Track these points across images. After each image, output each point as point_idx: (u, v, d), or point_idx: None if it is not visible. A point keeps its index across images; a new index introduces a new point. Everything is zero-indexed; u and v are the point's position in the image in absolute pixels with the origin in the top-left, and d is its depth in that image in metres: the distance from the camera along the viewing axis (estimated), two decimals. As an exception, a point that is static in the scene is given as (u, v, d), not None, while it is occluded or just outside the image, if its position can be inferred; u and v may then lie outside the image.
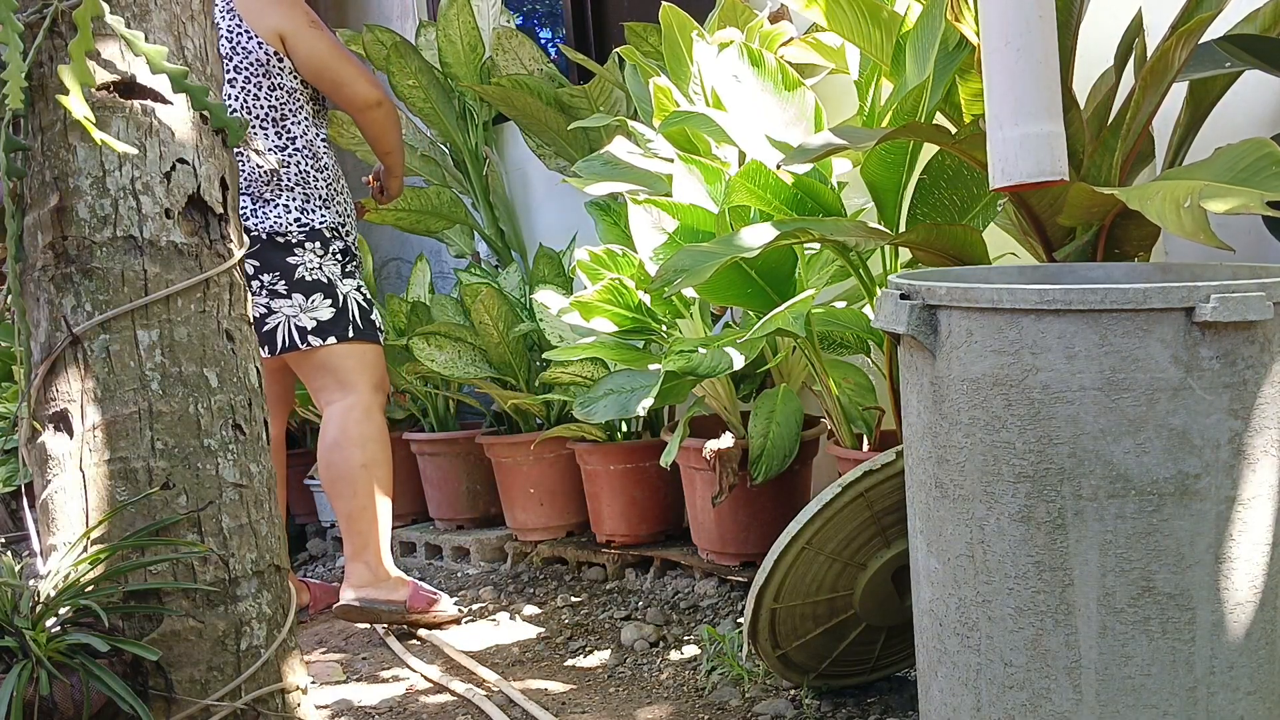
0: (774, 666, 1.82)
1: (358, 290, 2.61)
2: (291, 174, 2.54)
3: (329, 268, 2.56)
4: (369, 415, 2.56)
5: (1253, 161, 1.33)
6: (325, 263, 2.55)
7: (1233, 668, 1.21)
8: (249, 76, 2.50)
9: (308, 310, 2.52)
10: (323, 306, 2.53)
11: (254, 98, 2.51)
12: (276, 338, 2.53)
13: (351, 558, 2.56)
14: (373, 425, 2.56)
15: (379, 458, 2.57)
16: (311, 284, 2.53)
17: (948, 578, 1.29)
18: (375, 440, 2.56)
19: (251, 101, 2.51)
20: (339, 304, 2.56)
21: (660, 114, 2.25)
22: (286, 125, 2.55)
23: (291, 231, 2.52)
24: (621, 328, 2.35)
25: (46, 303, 1.58)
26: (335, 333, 2.54)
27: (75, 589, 1.48)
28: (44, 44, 1.55)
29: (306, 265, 2.53)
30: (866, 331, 2.22)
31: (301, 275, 2.53)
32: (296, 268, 2.52)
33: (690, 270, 1.71)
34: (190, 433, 1.58)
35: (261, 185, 2.53)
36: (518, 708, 2.03)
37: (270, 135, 2.54)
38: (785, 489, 2.39)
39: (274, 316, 2.52)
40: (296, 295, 2.52)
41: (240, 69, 2.50)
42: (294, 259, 2.52)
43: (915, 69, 1.80)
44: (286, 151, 2.54)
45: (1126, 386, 1.16)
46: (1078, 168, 1.63)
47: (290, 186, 2.54)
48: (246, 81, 2.50)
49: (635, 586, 2.69)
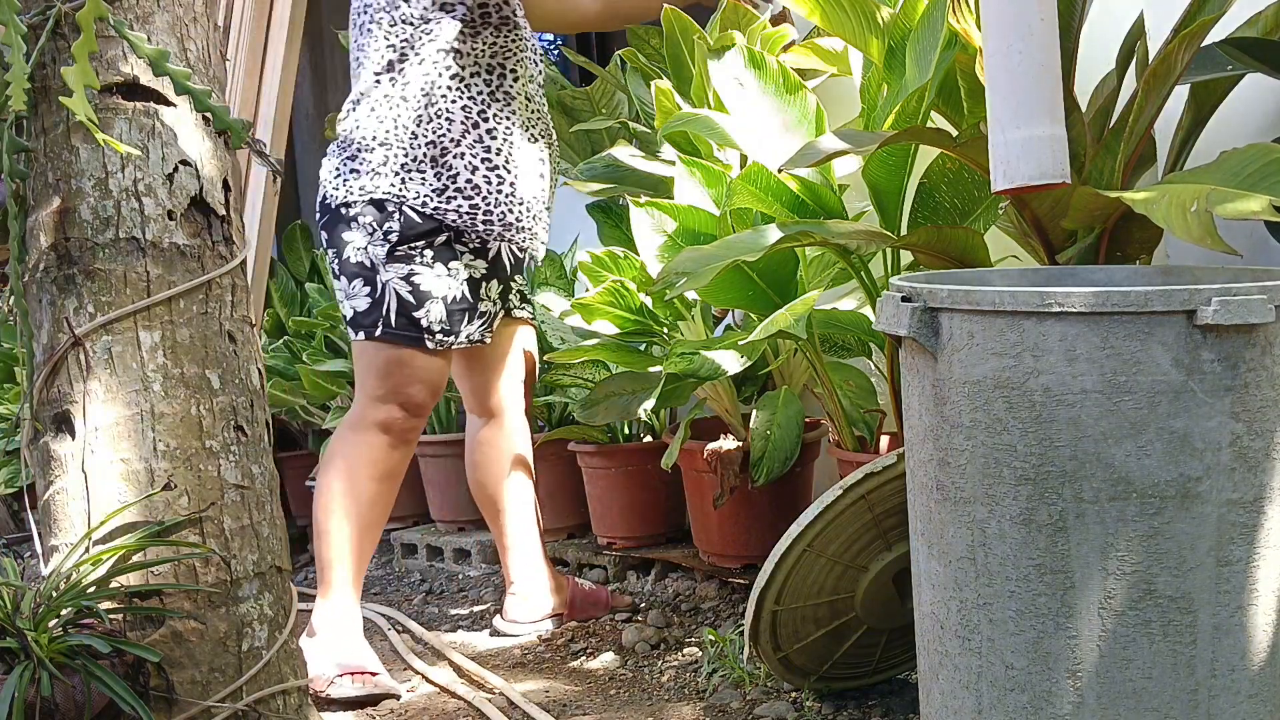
0: (775, 669, 1.82)
1: (405, 280, 2.17)
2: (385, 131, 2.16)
3: (374, 250, 2.17)
4: (352, 431, 2.19)
5: (1260, 166, 1.33)
6: (372, 243, 2.17)
7: (1234, 671, 1.21)
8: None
9: (351, 297, 2.21)
10: (361, 294, 2.20)
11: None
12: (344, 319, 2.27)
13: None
14: (348, 447, 2.18)
15: (339, 486, 2.17)
16: (355, 267, 2.19)
17: (949, 580, 1.29)
18: (341, 467, 2.17)
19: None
20: (375, 293, 2.19)
21: (662, 116, 2.25)
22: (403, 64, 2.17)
23: (355, 202, 2.18)
24: (623, 330, 2.35)
25: (49, 304, 1.58)
26: (365, 328, 2.20)
27: (77, 590, 1.48)
28: (47, 46, 1.55)
29: (354, 244, 2.18)
30: (868, 334, 2.22)
31: (348, 256, 2.20)
32: (346, 246, 2.19)
33: (692, 273, 1.71)
34: (192, 434, 1.58)
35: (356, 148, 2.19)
36: (519, 710, 2.03)
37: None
38: (786, 491, 2.39)
39: (339, 295, 2.27)
40: (343, 278, 2.21)
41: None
42: (347, 235, 2.19)
43: (916, 71, 1.80)
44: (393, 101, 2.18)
45: (1128, 389, 1.16)
46: (1079, 171, 1.63)
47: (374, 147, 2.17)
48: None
49: (636, 588, 2.69)
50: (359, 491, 2.18)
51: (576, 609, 2.49)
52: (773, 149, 1.93)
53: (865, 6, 1.86)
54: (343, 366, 3.30)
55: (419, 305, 2.18)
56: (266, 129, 3.42)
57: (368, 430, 2.19)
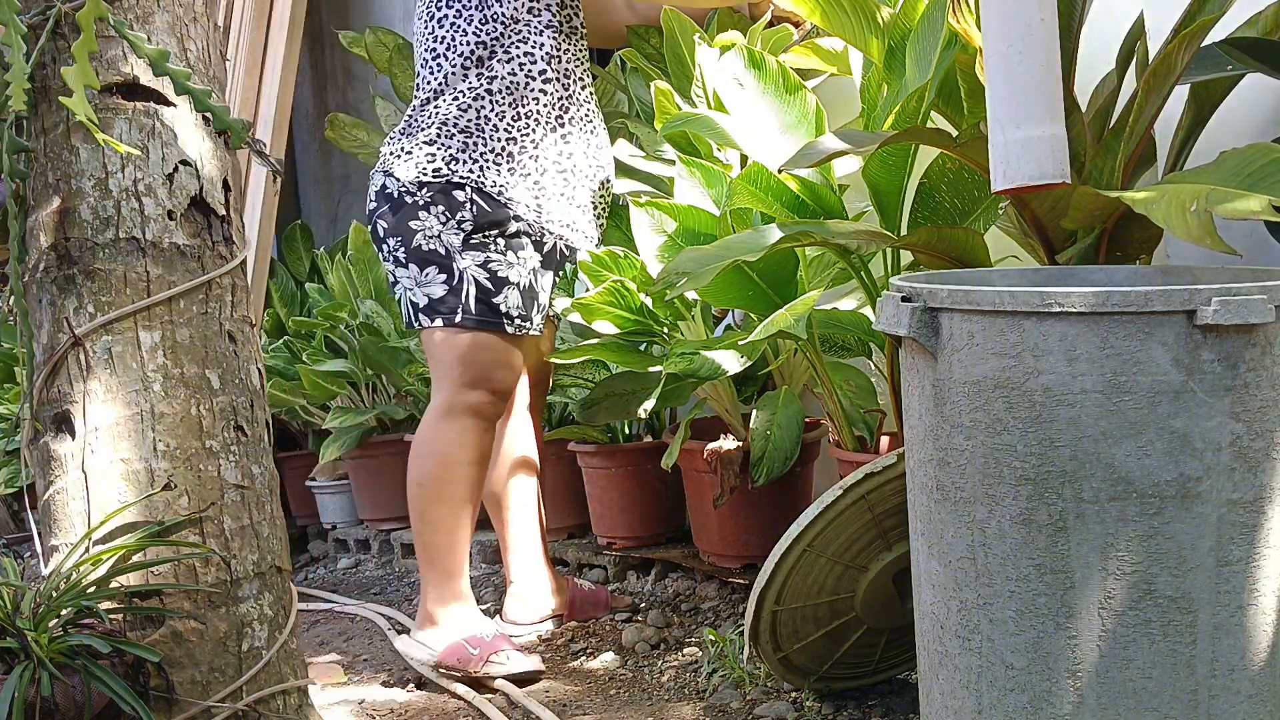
0: (775, 669, 1.82)
1: (482, 267, 2.20)
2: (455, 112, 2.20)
3: (449, 237, 2.19)
4: (442, 420, 2.21)
5: (1260, 166, 1.33)
6: (446, 231, 2.19)
7: (1233, 671, 1.21)
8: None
9: (422, 284, 2.20)
10: (436, 282, 2.20)
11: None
12: (401, 310, 2.28)
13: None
14: (442, 434, 2.21)
15: (438, 474, 2.21)
16: (428, 254, 2.20)
17: (949, 580, 1.29)
18: (437, 455, 2.21)
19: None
20: (452, 280, 2.20)
21: (661, 116, 2.25)
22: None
23: (428, 184, 2.19)
24: (623, 330, 2.35)
25: (49, 304, 1.58)
26: (443, 315, 2.20)
27: (77, 590, 1.48)
28: (47, 46, 1.55)
29: (426, 231, 2.19)
30: (868, 334, 2.22)
31: (419, 243, 2.19)
32: (416, 234, 2.19)
33: (692, 273, 1.71)
34: (192, 434, 1.58)
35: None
36: (519, 709, 2.03)
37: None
38: (786, 491, 2.39)
39: (398, 287, 2.26)
40: (413, 265, 2.20)
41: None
42: (416, 223, 2.20)
43: (916, 71, 1.80)
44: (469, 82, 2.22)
45: (1128, 389, 1.16)
46: (1079, 170, 1.63)
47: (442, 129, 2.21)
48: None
49: (636, 588, 2.69)
50: (459, 477, 2.21)
51: (576, 609, 2.49)
52: (773, 149, 1.93)
53: (865, 6, 1.86)
54: (343, 366, 3.30)
55: (497, 291, 2.21)
56: (266, 129, 3.42)
57: (460, 417, 2.21)
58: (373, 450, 3.37)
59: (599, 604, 2.51)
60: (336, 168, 4.63)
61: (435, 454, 2.21)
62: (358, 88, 4.50)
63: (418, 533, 2.24)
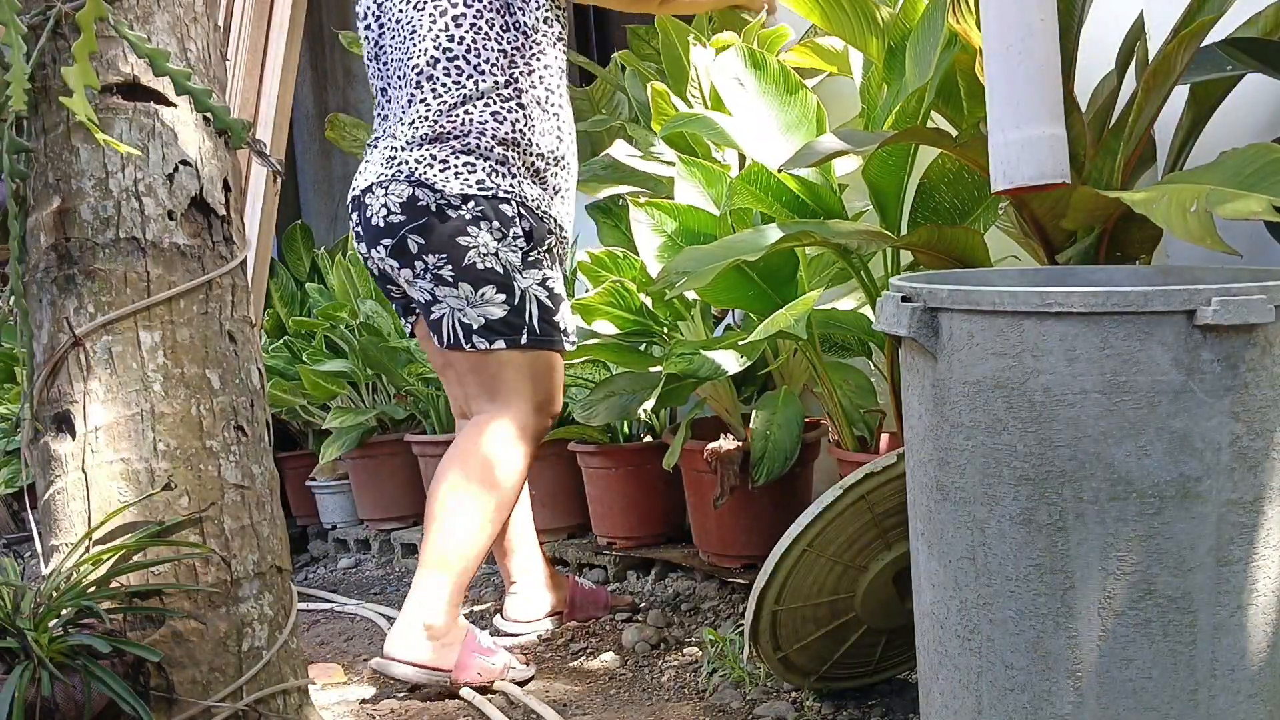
0: (775, 669, 1.82)
1: (541, 285, 2.14)
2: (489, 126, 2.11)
3: (506, 254, 2.10)
4: (519, 442, 2.13)
5: (1260, 166, 1.33)
6: (503, 248, 2.10)
7: (1234, 670, 1.21)
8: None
9: (475, 304, 2.11)
10: (494, 302, 2.12)
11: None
12: (442, 330, 2.14)
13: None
14: (519, 456, 2.13)
15: (509, 496, 2.14)
16: (484, 272, 2.10)
17: (949, 580, 1.29)
18: (516, 475, 2.14)
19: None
20: (514, 300, 2.12)
21: (659, 117, 2.26)
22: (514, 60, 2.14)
23: (474, 198, 2.09)
24: (623, 330, 2.35)
25: (49, 304, 1.58)
26: (506, 336, 2.12)
27: (77, 590, 1.48)
28: (47, 46, 1.55)
29: (481, 249, 2.10)
30: (868, 334, 2.22)
31: (472, 261, 2.09)
32: (467, 251, 2.09)
33: (692, 273, 1.71)
34: (192, 434, 1.58)
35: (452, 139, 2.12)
36: (519, 709, 2.03)
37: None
38: (786, 491, 2.39)
39: (439, 306, 2.13)
40: (464, 285, 2.10)
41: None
42: (466, 240, 2.09)
43: (916, 71, 1.80)
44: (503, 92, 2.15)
45: (1127, 389, 1.16)
46: (1079, 171, 1.63)
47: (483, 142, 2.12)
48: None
49: (636, 588, 2.69)
50: (516, 499, 2.19)
51: (576, 609, 2.49)
52: (773, 149, 1.93)
53: (865, 6, 1.87)
54: (343, 366, 3.30)
55: (556, 309, 2.18)
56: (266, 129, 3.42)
57: (531, 441, 2.16)
58: (373, 450, 3.37)
59: (599, 604, 2.51)
60: (336, 168, 4.64)
61: (515, 473, 2.14)
62: (358, 88, 4.51)
63: (460, 541, 2.11)
